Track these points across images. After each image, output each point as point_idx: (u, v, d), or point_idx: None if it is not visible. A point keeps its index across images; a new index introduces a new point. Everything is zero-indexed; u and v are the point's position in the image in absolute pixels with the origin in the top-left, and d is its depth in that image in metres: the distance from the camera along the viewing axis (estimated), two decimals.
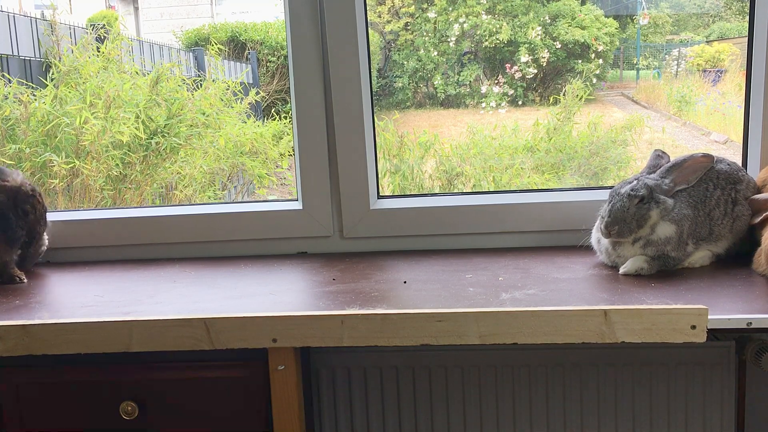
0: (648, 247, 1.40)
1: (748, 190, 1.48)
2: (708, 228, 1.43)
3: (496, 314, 1.13)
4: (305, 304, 1.34)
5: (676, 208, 1.40)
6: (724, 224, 1.45)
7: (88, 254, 1.80)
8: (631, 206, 1.40)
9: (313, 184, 1.73)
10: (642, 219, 1.39)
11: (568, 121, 3.08)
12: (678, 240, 1.40)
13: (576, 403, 1.57)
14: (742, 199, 1.46)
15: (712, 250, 1.46)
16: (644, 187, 1.41)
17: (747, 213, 1.46)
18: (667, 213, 1.39)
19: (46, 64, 3.06)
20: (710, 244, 1.45)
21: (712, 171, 1.45)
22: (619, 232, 1.40)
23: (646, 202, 1.40)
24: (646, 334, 1.10)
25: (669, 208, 1.40)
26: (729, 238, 1.46)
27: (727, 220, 1.45)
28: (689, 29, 3.40)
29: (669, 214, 1.39)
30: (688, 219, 1.40)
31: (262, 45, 3.76)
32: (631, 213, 1.40)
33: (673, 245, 1.40)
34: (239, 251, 1.77)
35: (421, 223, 1.70)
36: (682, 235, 1.40)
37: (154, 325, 1.19)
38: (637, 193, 1.40)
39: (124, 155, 2.95)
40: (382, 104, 3.43)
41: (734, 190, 1.46)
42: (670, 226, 1.39)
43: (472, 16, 3.34)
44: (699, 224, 1.42)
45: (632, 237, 1.40)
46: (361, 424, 1.62)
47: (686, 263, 1.42)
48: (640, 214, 1.39)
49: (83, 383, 1.28)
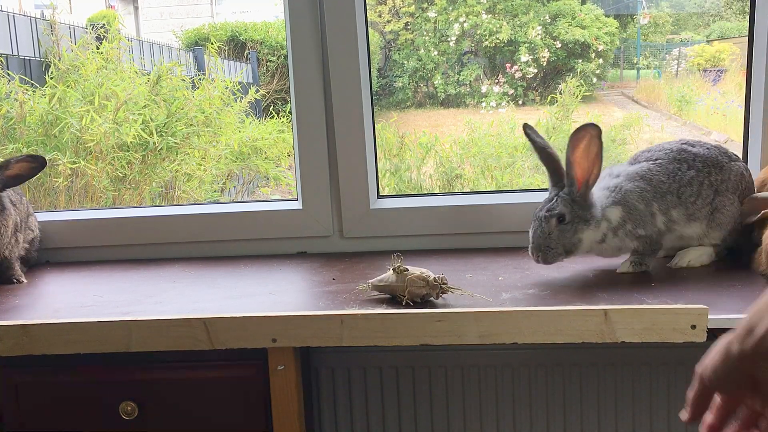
0: (615, 239, 1.33)
1: (729, 180, 1.39)
2: (677, 203, 1.36)
3: (496, 314, 1.12)
4: (305, 304, 1.34)
5: (617, 191, 1.32)
6: (697, 207, 1.36)
7: (88, 254, 1.80)
8: (552, 230, 1.29)
9: (313, 184, 1.73)
10: (570, 244, 1.29)
11: (567, 120, 3.08)
12: (635, 217, 1.32)
13: (576, 403, 1.57)
14: (727, 191, 1.38)
15: (685, 232, 1.39)
16: (562, 204, 1.29)
17: (732, 206, 1.39)
18: (599, 219, 1.30)
19: (46, 64, 3.06)
20: (686, 225, 1.38)
21: (688, 152, 1.39)
22: (545, 258, 1.29)
23: (569, 222, 1.29)
24: (646, 334, 1.10)
25: (598, 217, 1.30)
26: (711, 229, 1.39)
27: (702, 203, 1.37)
28: (689, 29, 3.40)
29: (611, 203, 1.32)
30: (634, 193, 1.33)
31: (262, 45, 3.76)
32: (554, 237, 1.28)
33: (634, 223, 1.32)
34: (239, 251, 1.77)
35: (421, 223, 1.70)
36: (636, 211, 1.32)
37: (153, 325, 1.19)
38: (553, 212, 1.28)
39: (130, 156, 2.95)
40: (382, 104, 3.43)
41: (711, 174, 1.37)
42: (617, 209, 1.32)
43: (473, 16, 3.34)
44: (661, 196, 1.34)
45: (566, 259, 1.31)
46: (361, 424, 1.62)
47: (685, 261, 1.41)
48: (567, 238, 1.28)
49: (83, 383, 1.28)
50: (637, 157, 1.43)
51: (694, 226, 1.39)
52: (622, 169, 1.40)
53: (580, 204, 1.30)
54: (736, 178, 1.40)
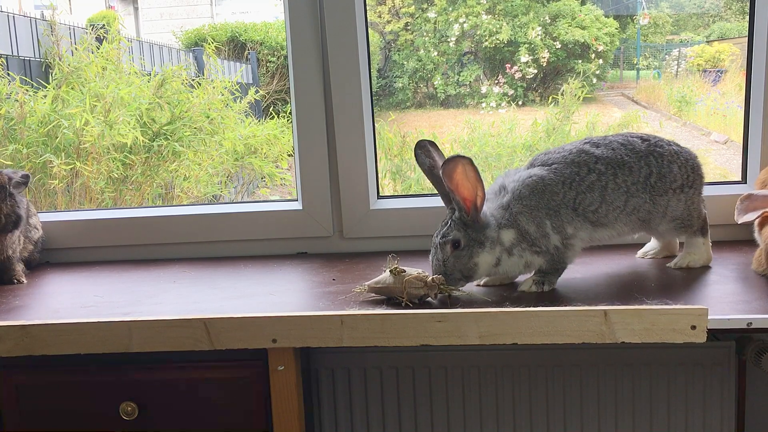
0: (511, 258, 1.28)
1: (638, 179, 1.30)
2: (573, 217, 1.28)
3: (496, 314, 1.12)
4: (305, 304, 1.34)
5: (509, 211, 1.27)
6: (602, 213, 1.29)
7: (88, 254, 1.80)
8: (447, 256, 1.25)
9: (312, 184, 1.73)
10: (467, 269, 1.25)
11: (567, 121, 3.08)
12: (529, 239, 1.27)
13: (576, 403, 1.57)
14: (649, 194, 1.31)
15: (604, 236, 1.33)
16: (455, 229, 1.24)
17: (646, 204, 1.31)
18: (494, 239, 1.25)
19: (46, 65, 3.06)
20: (595, 231, 1.31)
21: (589, 156, 1.30)
22: (448, 282, 1.25)
23: (464, 247, 1.24)
24: (646, 335, 1.10)
25: (494, 237, 1.25)
26: (630, 230, 1.35)
27: (607, 208, 1.29)
28: (689, 29, 3.40)
29: (502, 225, 1.27)
30: (524, 215, 1.26)
31: (262, 45, 3.76)
32: (450, 264, 1.25)
33: (528, 243, 1.27)
34: (239, 251, 1.77)
35: (421, 223, 1.70)
36: (528, 234, 1.27)
37: (153, 325, 1.19)
38: (447, 238, 1.24)
39: (125, 157, 2.95)
40: (382, 104, 3.43)
41: (617, 176, 1.30)
42: (509, 231, 1.27)
43: (472, 16, 3.34)
44: (554, 212, 1.27)
45: (466, 284, 1.28)
46: (361, 424, 1.62)
47: (685, 262, 1.41)
48: (462, 264, 1.24)
49: (83, 383, 1.28)
50: (533, 160, 1.36)
51: (617, 228, 1.32)
52: (512, 180, 1.32)
53: (473, 227, 1.25)
54: (654, 177, 1.32)
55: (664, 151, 1.35)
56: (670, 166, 1.34)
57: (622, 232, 1.35)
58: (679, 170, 1.35)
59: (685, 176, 1.35)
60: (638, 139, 1.36)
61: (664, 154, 1.34)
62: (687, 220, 1.37)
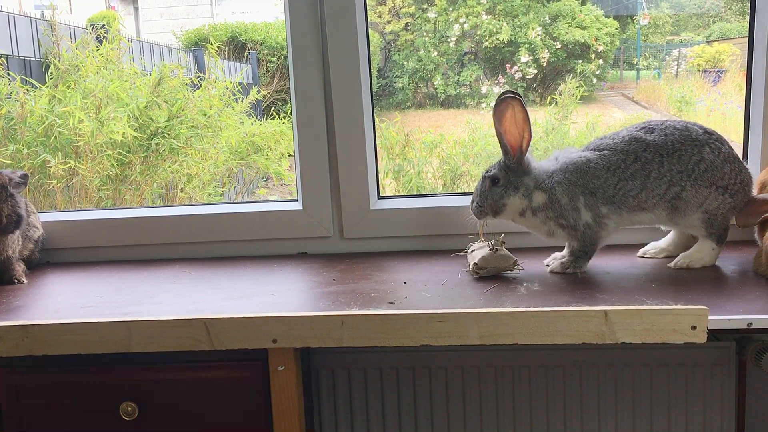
0: (534, 218, 1.38)
1: (686, 167, 1.33)
2: (609, 200, 1.35)
3: (496, 315, 1.12)
4: (305, 304, 1.34)
5: (550, 177, 1.36)
6: (642, 198, 1.34)
7: (88, 254, 1.80)
8: (485, 189, 1.39)
9: (313, 184, 1.73)
10: (497, 205, 1.38)
11: (566, 121, 3.08)
12: (557, 207, 1.35)
13: (576, 403, 1.57)
14: (693, 181, 1.33)
15: (629, 219, 1.38)
16: (498, 168, 1.38)
17: (686, 192, 1.34)
18: (528, 190, 1.36)
19: (46, 64, 3.06)
20: (631, 215, 1.37)
21: (639, 143, 1.35)
22: (475, 213, 1.40)
23: (501, 187, 1.37)
24: (646, 335, 1.10)
25: (529, 188, 1.36)
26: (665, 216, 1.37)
27: (647, 195, 1.34)
28: (689, 29, 3.41)
29: (540, 185, 1.36)
30: (562, 185, 1.35)
31: (262, 45, 3.77)
32: (485, 196, 1.39)
33: (555, 212, 1.36)
34: (239, 251, 1.77)
35: (421, 223, 1.70)
36: (558, 203, 1.35)
37: (153, 325, 1.19)
38: (489, 174, 1.39)
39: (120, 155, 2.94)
40: (382, 104, 3.43)
41: (663, 165, 1.33)
42: (542, 194, 1.37)
43: (472, 17, 3.34)
44: (591, 192, 1.35)
45: (490, 218, 1.40)
46: (361, 424, 1.62)
47: (686, 262, 1.41)
48: (494, 200, 1.38)
49: (83, 383, 1.28)
50: (588, 145, 1.43)
51: (654, 213, 1.37)
52: (566, 155, 1.41)
53: (515, 171, 1.38)
54: (705, 165, 1.35)
55: (723, 149, 1.38)
56: (723, 163, 1.36)
57: (656, 219, 1.39)
58: (730, 173, 1.37)
59: (732, 181, 1.37)
60: (700, 128, 1.39)
61: (722, 151, 1.37)
62: (713, 220, 1.38)
